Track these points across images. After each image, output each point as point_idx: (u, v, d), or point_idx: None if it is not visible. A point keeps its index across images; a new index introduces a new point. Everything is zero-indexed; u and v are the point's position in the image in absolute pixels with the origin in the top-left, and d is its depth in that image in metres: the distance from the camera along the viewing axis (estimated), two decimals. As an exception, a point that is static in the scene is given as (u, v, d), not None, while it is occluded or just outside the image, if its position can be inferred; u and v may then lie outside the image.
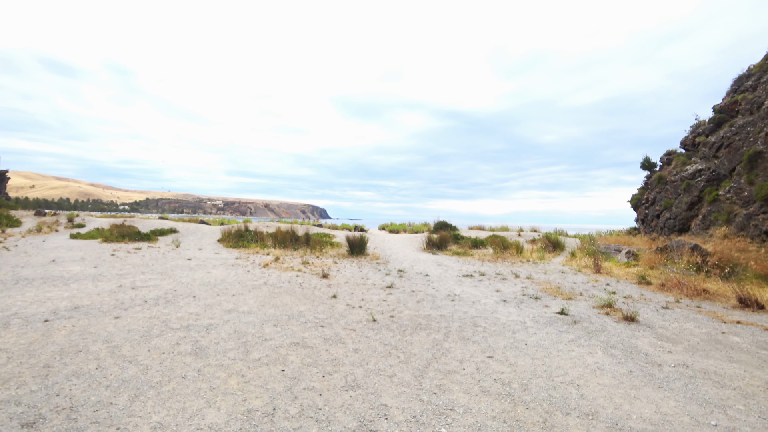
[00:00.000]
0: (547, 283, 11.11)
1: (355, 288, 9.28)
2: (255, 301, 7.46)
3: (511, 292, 9.52)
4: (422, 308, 7.53)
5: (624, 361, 5.04)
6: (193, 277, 9.73)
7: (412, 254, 16.87)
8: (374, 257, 14.91)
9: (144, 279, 9.21)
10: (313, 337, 5.39)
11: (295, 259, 13.88)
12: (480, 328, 6.35)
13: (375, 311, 7.12)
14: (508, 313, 7.47)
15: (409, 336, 5.73)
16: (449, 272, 12.50)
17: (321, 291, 8.75)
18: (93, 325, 5.49)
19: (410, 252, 17.72)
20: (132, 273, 9.90)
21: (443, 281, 10.85)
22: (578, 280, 11.74)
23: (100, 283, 8.52)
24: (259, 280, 9.62)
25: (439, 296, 8.75)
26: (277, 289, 8.67)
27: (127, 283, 8.63)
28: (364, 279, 10.58)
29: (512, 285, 10.60)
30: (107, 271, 9.97)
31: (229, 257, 13.72)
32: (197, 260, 12.66)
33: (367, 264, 13.49)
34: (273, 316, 6.37)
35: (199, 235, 19.68)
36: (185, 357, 4.42)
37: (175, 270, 10.62)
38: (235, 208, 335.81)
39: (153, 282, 8.91)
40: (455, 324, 6.54)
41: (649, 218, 23.61)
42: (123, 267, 10.76)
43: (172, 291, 8.03)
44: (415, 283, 10.39)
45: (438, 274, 12.10)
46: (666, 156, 24.42)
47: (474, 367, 4.65)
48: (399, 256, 16.08)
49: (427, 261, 15.00)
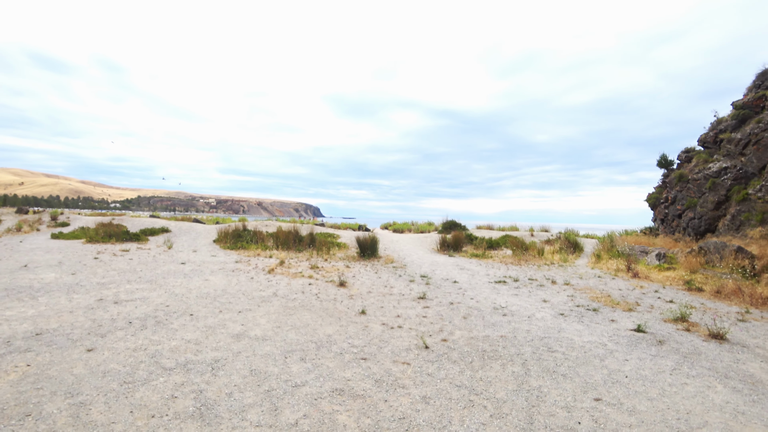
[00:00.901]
0: (590, 290, 9.86)
1: (382, 300, 7.90)
2: (267, 320, 6.04)
3: (561, 303, 8.25)
4: (474, 327, 6.18)
5: (758, 399, 4.03)
6: (188, 286, 8.26)
7: (428, 256, 15.50)
8: (388, 260, 13.52)
9: (130, 290, 7.72)
10: (358, 378, 4.01)
11: (302, 263, 12.44)
12: (559, 355, 5.09)
13: (420, 333, 5.75)
14: (577, 331, 6.19)
15: (481, 370, 4.40)
16: (477, 278, 11.17)
17: (343, 304, 7.34)
18: (56, 364, 4.03)
19: (424, 254, 16.35)
20: (116, 281, 8.40)
21: (477, 289, 9.51)
22: (621, 286, 10.53)
23: (75, 296, 7.02)
24: (266, 290, 8.18)
25: (484, 309, 7.41)
26: (291, 303, 7.25)
27: (108, 296, 7.15)
28: (388, 288, 9.19)
29: (555, 293, 9.33)
30: (87, 280, 8.46)
31: (227, 260, 12.24)
32: (192, 264, 11.17)
33: (383, 268, 12.09)
34: (296, 344, 4.96)
35: (193, 235, 18.13)
36: (186, 423, 3.00)
37: (167, 277, 9.14)
38: (228, 207, 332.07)
39: (141, 293, 7.43)
40: (526, 349, 5.25)
41: (669, 218, 22.46)
42: (106, 274, 9.24)
43: (163, 306, 6.56)
44: (446, 291, 9.03)
45: (466, 280, 10.77)
46: (684, 153, 23.29)
47: (590, 418, 3.40)
48: (414, 258, 14.71)
49: (446, 264, 13.65)
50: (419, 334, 5.70)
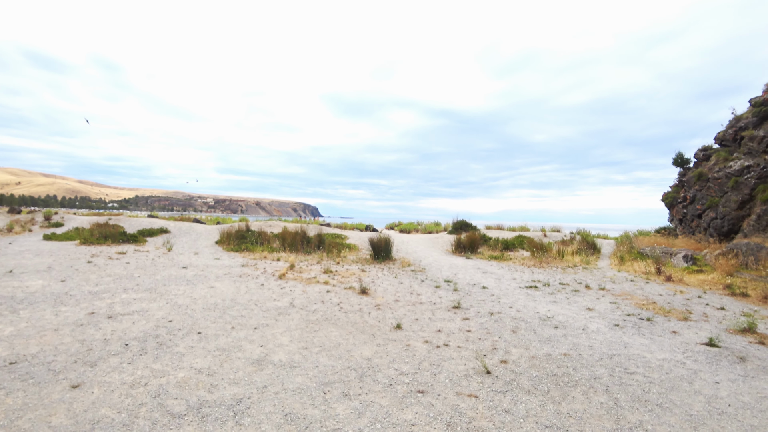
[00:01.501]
0: (630, 295, 9.04)
1: (413, 310, 6.98)
2: (290, 338, 5.11)
3: (608, 311, 7.42)
4: (529, 343, 5.29)
5: None
6: (192, 295, 7.32)
7: (444, 258, 14.59)
8: (404, 263, 12.60)
9: (126, 300, 6.77)
10: (423, 422, 3.11)
11: (313, 266, 11.51)
12: (640, 377, 4.31)
13: (473, 352, 4.84)
14: (644, 346, 5.35)
15: (563, 402, 3.55)
16: (505, 282, 10.28)
17: (372, 317, 6.42)
18: (30, 409, 3.10)
19: (439, 255, 15.44)
20: (111, 290, 7.45)
21: (510, 296, 8.63)
22: (659, 290, 9.76)
23: (63, 309, 6.07)
24: (281, 300, 7.24)
25: (530, 321, 6.53)
26: (313, 315, 6.31)
27: (102, 308, 6.20)
28: (414, 295, 8.28)
29: (595, 300, 8.51)
30: (78, 288, 7.50)
31: (233, 264, 11.29)
32: (195, 269, 10.22)
33: (401, 272, 11.17)
34: (332, 372, 4.03)
35: (194, 235, 17.16)
36: None
37: (167, 284, 8.19)
38: (226, 206, 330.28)
39: (139, 305, 6.48)
40: (600, 371, 4.41)
41: (688, 218, 21.60)
42: (100, 280, 8.28)
43: (165, 322, 5.62)
44: (479, 299, 8.14)
45: (494, 285, 9.88)
46: (702, 152, 22.43)
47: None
48: (430, 260, 13.80)
49: (466, 267, 12.75)
50: (472, 353, 4.80)
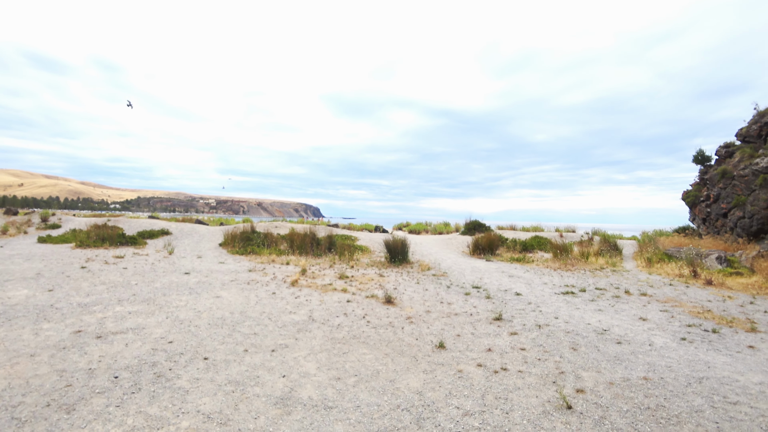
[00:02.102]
0: (678, 302, 8.17)
1: (451, 323, 6.06)
2: (316, 364, 4.19)
3: (664, 322, 6.56)
4: (598, 364, 4.38)
5: None
6: (196, 307, 6.40)
7: (464, 261, 13.66)
8: (423, 267, 11.67)
9: (120, 314, 5.86)
10: None
11: (326, 271, 10.59)
12: (746, 408, 3.67)
13: (539, 377, 3.90)
14: (730, 366, 4.49)
15: None
16: (537, 288, 9.37)
17: (407, 332, 5.50)
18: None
19: (457, 258, 14.50)
20: (104, 301, 6.54)
21: (549, 304, 7.74)
22: (704, 296, 9.02)
23: (46, 327, 5.17)
24: (298, 312, 6.32)
25: (586, 335, 5.63)
26: (337, 332, 5.39)
27: (91, 325, 5.29)
28: (445, 304, 7.36)
29: (642, 307, 7.65)
30: (66, 299, 6.59)
31: (239, 269, 10.38)
32: (198, 275, 9.31)
33: (422, 277, 10.25)
34: (378, 415, 3.11)
35: (196, 237, 16.27)
36: None
37: (168, 293, 7.27)
38: (228, 207, 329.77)
39: (134, 320, 5.57)
40: (698, 402, 3.60)
41: (712, 217, 20.57)
42: (93, 289, 7.38)
43: (164, 343, 4.71)
44: (518, 309, 7.24)
45: (527, 291, 8.98)
46: (724, 149, 21.40)
47: None
48: (449, 263, 12.88)
49: (490, 271, 11.82)
50: (539, 380, 3.88)
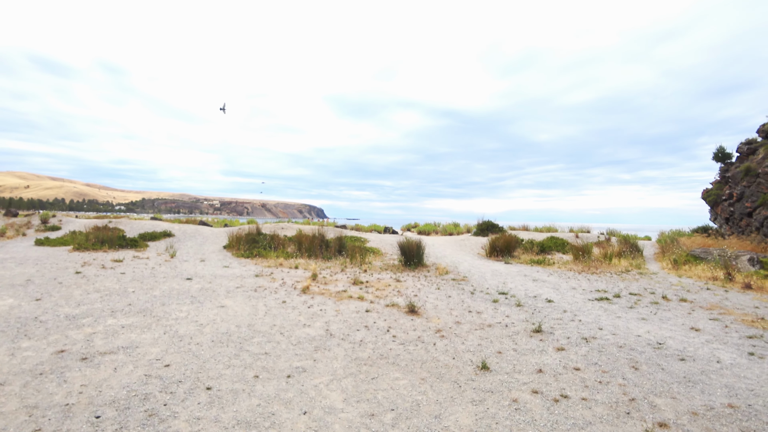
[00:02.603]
0: (724, 309, 7.45)
1: (487, 338, 5.31)
2: (341, 394, 3.45)
3: (719, 332, 5.84)
4: (668, 387, 3.67)
5: None
6: (197, 319, 5.68)
7: (482, 264, 12.89)
8: (441, 270, 10.91)
9: (112, 328, 5.15)
10: None
11: (338, 275, 9.86)
12: None
13: (608, 407, 3.14)
14: None
15: None
16: (567, 293, 8.63)
17: (440, 349, 4.75)
18: None
19: (474, 260, 13.73)
20: (95, 312, 5.83)
21: (587, 312, 7.02)
22: (749, 302, 8.46)
23: (25, 345, 4.46)
24: (313, 324, 5.59)
25: (642, 350, 4.88)
26: (360, 350, 4.65)
27: (76, 343, 4.58)
28: (475, 314, 6.61)
29: (687, 315, 7.00)
30: (54, 310, 5.89)
31: (245, 274, 9.67)
32: (201, 280, 8.60)
33: (442, 282, 9.50)
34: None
35: (200, 239, 15.59)
36: None
37: (167, 302, 6.56)
38: (232, 208, 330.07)
39: (127, 336, 4.86)
40: None
41: (736, 216, 19.64)
42: (85, 298, 6.68)
43: (160, 367, 3.98)
44: (554, 318, 6.51)
45: (558, 297, 8.23)
46: (746, 145, 20.45)
47: None
48: (467, 266, 12.11)
49: (512, 274, 11.05)
50: (610, 410, 3.14)
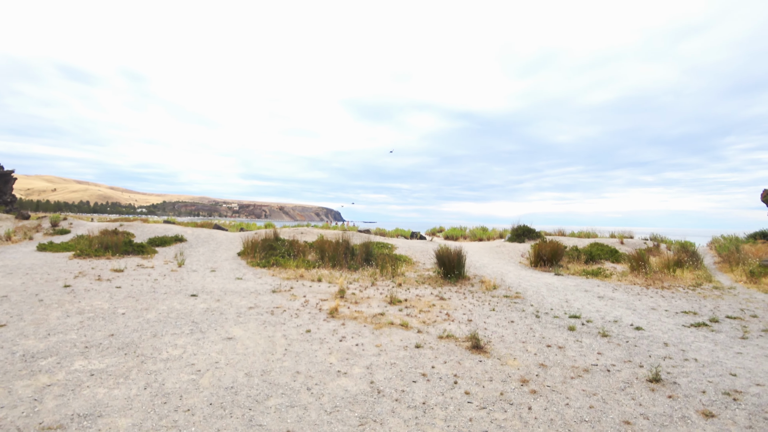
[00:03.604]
0: None
1: (595, 393, 3.71)
2: None
3: None
4: None
5: None
6: (195, 361, 4.21)
7: (531, 276, 11.16)
8: (488, 285, 9.25)
9: (75, 379, 3.71)
10: None
11: (369, 290, 8.33)
12: None
13: None
14: None
15: None
16: (650, 317, 6.97)
17: (539, 418, 3.18)
18: None
19: (520, 271, 12.01)
20: (62, 348, 4.43)
21: (695, 347, 5.44)
22: None
23: (-62, 409, 3.05)
24: (350, 371, 4.04)
25: None
26: (428, 423, 3.07)
27: (15, 406, 3.15)
28: (554, 347, 4.99)
29: None
30: (12, 343, 4.51)
31: (260, 288, 8.22)
32: (208, 298, 7.19)
33: (493, 300, 7.86)
34: None
35: (213, 245, 14.30)
36: None
37: (160, 333, 5.12)
38: (250, 211, 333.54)
39: (91, 393, 3.41)
40: None
41: (811, 220, 17.33)
42: (61, 324, 5.31)
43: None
44: (660, 356, 4.97)
45: (643, 322, 6.60)
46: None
47: None
48: (514, 279, 10.43)
49: (569, 289, 9.35)
50: None
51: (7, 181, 28.84)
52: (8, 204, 27.13)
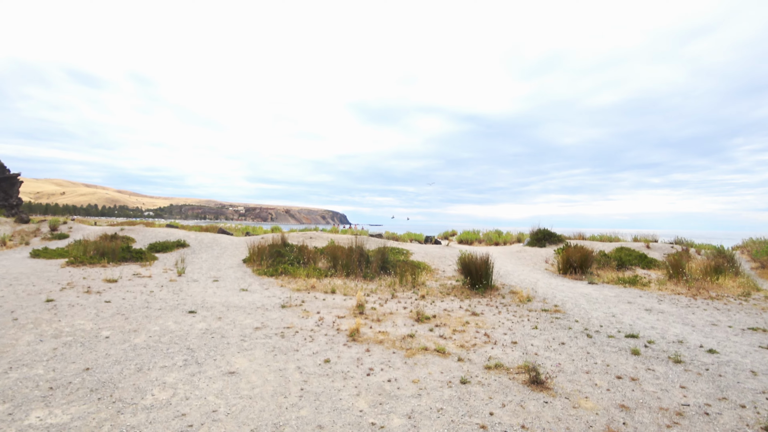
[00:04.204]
0: None
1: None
2: None
3: None
4: None
5: None
6: (186, 410, 3.28)
7: (562, 285, 10.15)
8: (521, 297, 8.27)
9: (27, 436, 2.80)
10: None
11: (390, 304, 7.38)
12: None
13: None
14: None
15: None
16: (715, 335, 6.03)
17: None
18: None
19: (550, 279, 11.00)
20: (20, 391, 3.53)
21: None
22: None
23: None
24: (388, 426, 3.08)
25: None
26: None
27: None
28: (626, 380, 4.01)
29: None
30: (-38, 380, 3.62)
31: (268, 302, 7.30)
32: (208, 315, 6.28)
33: (531, 315, 6.87)
34: None
35: (217, 251, 13.44)
36: None
37: (146, 365, 4.21)
38: (257, 214, 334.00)
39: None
40: None
41: None
42: (27, 353, 4.42)
43: None
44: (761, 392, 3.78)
45: (711, 343, 5.63)
46: None
47: None
48: (545, 289, 9.43)
49: (610, 300, 8.35)
50: None
51: (13, 184, 28.27)
52: (14, 207, 26.55)
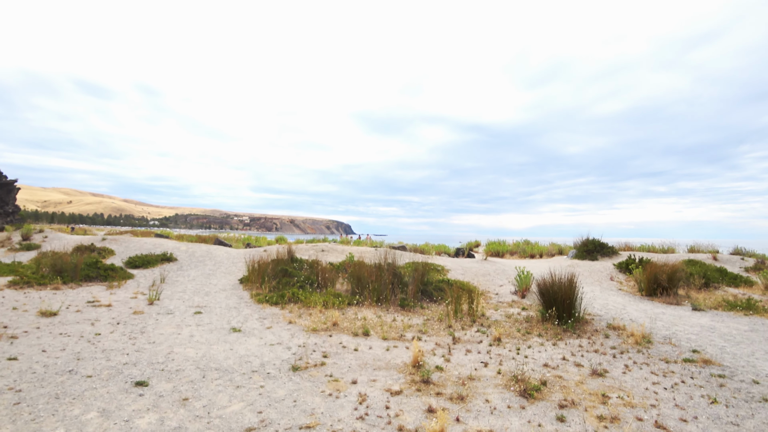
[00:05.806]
0: None
1: None
2: None
3: None
4: None
5: None
6: None
7: (666, 314, 7.47)
8: (635, 337, 5.61)
9: None
10: None
11: (459, 356, 4.76)
12: None
13: None
14: None
15: None
16: None
17: None
18: None
19: (638, 304, 8.32)
20: None
21: None
22: None
23: None
24: None
25: None
26: None
27: None
28: None
29: None
30: None
31: (270, 357, 4.70)
32: (165, 393, 3.69)
33: (683, 374, 4.19)
34: None
35: (209, 266, 10.89)
36: None
37: None
38: (261, 224, 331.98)
39: None
40: None
41: None
42: None
43: None
44: None
45: None
46: None
47: None
48: (647, 320, 6.75)
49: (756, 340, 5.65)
50: None
51: (9, 191, 26.06)
52: (9, 215, 24.38)
